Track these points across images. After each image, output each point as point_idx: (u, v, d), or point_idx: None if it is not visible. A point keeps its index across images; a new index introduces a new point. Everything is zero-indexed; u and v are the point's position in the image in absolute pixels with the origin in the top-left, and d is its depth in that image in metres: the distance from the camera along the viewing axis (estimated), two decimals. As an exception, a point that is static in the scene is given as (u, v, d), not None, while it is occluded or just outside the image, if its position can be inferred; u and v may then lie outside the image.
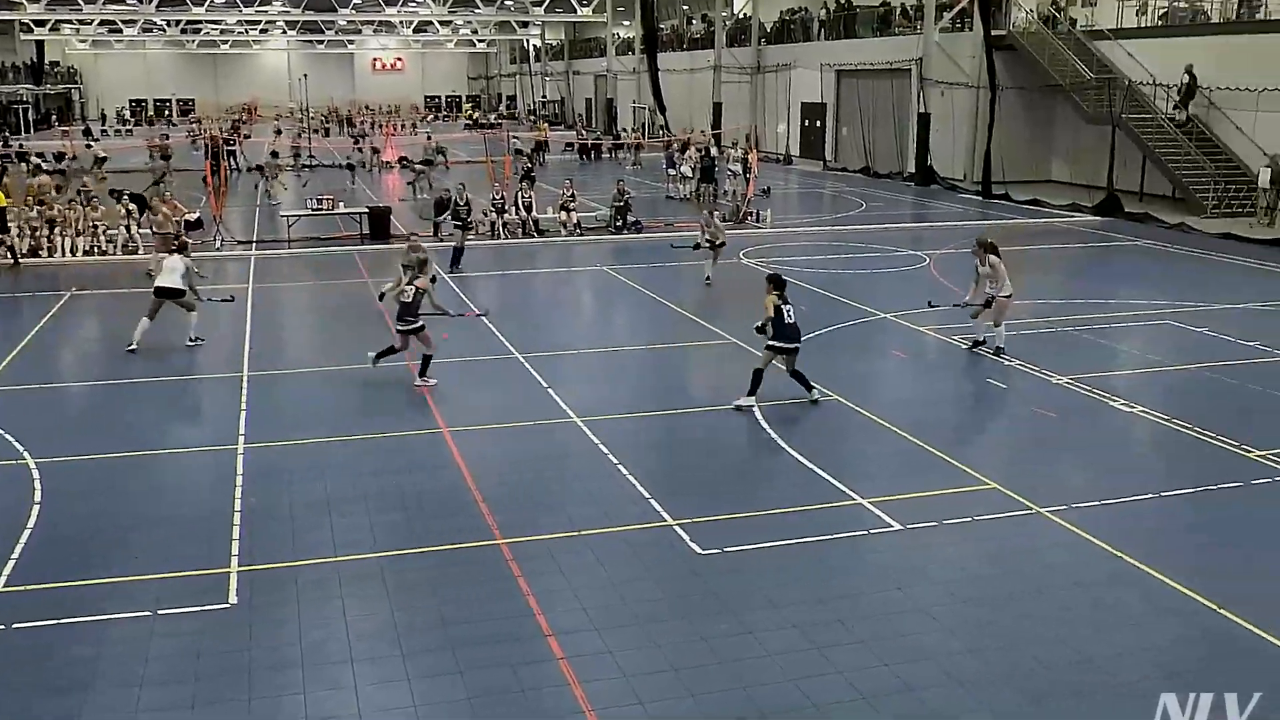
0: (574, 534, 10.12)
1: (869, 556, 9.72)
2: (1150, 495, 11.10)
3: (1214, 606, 8.75)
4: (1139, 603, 8.94)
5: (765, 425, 13.20)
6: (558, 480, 11.64)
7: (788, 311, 13.54)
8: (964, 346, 16.66)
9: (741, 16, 59.74)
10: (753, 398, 13.67)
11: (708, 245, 21.95)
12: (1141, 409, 13.94)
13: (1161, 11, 36.80)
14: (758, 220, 30.54)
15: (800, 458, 12.10)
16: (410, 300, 14.77)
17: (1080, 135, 37.98)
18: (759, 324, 13.84)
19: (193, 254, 17.95)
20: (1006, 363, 15.84)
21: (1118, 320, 18.99)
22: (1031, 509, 10.69)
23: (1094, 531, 10.15)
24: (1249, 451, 12.27)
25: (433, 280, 16.47)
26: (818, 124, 51.02)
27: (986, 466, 11.88)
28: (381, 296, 17.95)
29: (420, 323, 14.83)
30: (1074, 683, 7.79)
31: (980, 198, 37.23)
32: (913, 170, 42.39)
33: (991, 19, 38.29)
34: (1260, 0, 32.64)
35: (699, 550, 9.78)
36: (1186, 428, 13.15)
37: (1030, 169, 40.46)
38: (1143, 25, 37.30)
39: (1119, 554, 9.69)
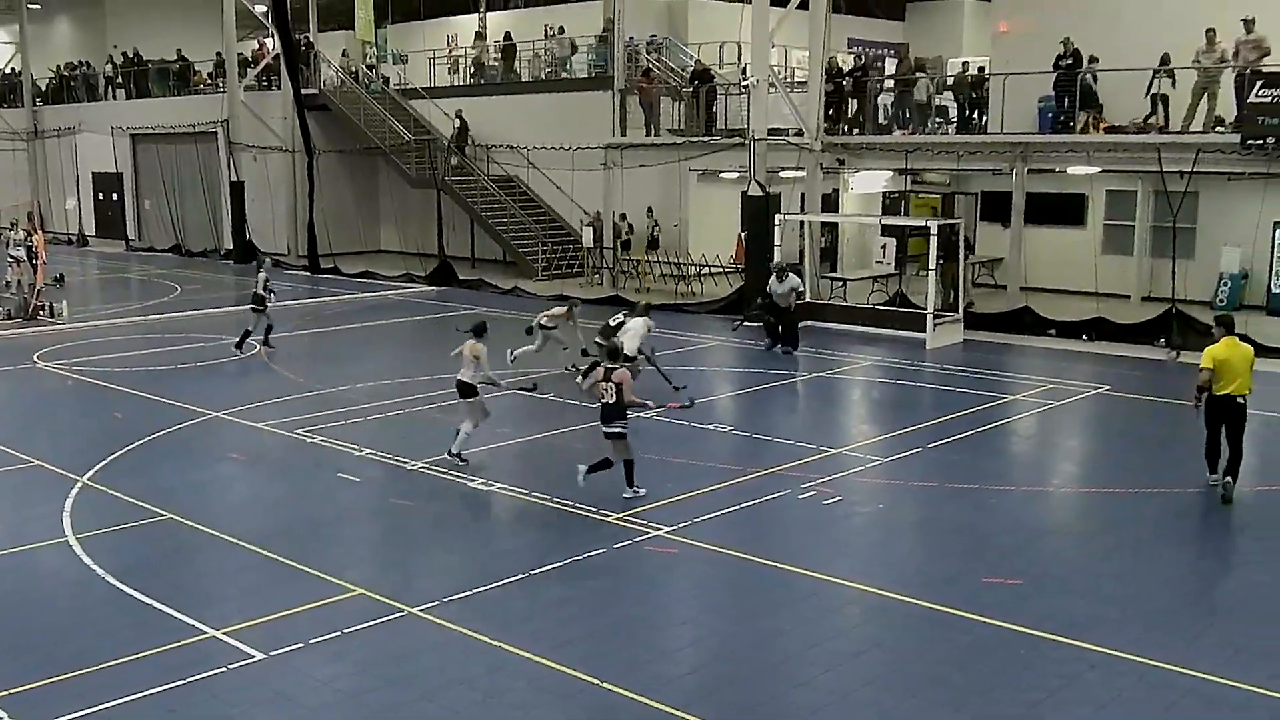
0: None
1: (230, 697, 9.36)
2: (520, 575, 11.81)
3: (595, 681, 9.50)
4: (525, 690, 9.46)
5: (84, 558, 12.31)
6: None
7: None
8: (308, 440, 16.80)
9: (9, 71, 56.04)
10: None
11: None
12: (500, 485, 14.87)
13: (472, 70, 39.96)
14: (52, 315, 28.60)
15: (132, 592, 11.40)
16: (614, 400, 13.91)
17: (407, 200, 39.89)
18: None
19: None
20: (357, 453, 16.15)
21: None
22: (403, 610, 10.93)
23: (469, 623, 10.61)
24: (606, 515, 13.53)
25: None
26: (115, 197, 49.08)
27: (349, 571, 11.98)
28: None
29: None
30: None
31: (309, 273, 37.78)
32: (230, 246, 42.09)
33: (301, 76, 39.20)
34: (566, 61, 36.59)
35: (18, 730, 8.87)
36: (545, 499, 14.21)
37: (359, 239, 41.88)
38: (456, 84, 40.23)
39: (497, 643, 10.20)
